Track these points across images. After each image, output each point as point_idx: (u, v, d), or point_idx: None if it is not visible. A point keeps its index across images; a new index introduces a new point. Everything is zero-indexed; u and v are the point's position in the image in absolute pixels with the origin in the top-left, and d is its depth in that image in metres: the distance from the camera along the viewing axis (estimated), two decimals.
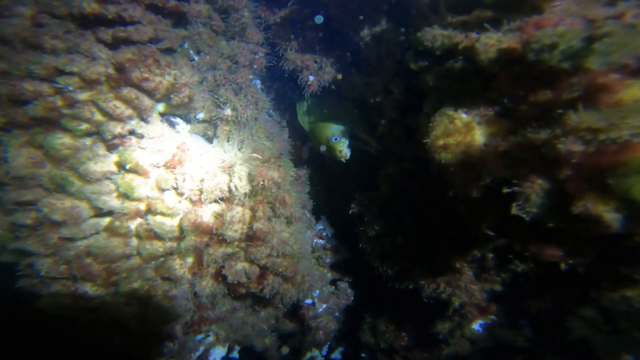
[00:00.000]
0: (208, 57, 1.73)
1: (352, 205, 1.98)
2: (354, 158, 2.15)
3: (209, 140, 1.77)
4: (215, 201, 1.52)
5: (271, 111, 2.38)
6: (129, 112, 1.23)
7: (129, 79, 1.20)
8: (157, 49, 1.37)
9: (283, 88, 2.48)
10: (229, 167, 1.53)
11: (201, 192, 1.45)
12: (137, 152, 1.28)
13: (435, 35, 1.15)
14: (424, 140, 1.23)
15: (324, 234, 2.44)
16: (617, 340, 1.13)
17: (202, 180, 1.45)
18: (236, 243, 1.60)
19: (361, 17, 1.71)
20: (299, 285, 1.79)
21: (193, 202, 1.49)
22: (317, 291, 2.34)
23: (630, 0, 0.76)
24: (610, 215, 0.67)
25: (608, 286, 0.96)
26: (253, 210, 1.57)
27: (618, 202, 0.65)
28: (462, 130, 1.17)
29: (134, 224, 1.37)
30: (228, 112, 1.81)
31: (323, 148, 2.16)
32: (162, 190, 1.39)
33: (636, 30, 0.68)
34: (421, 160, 1.62)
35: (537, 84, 0.91)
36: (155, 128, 1.35)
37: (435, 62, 1.27)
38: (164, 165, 1.39)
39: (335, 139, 2.08)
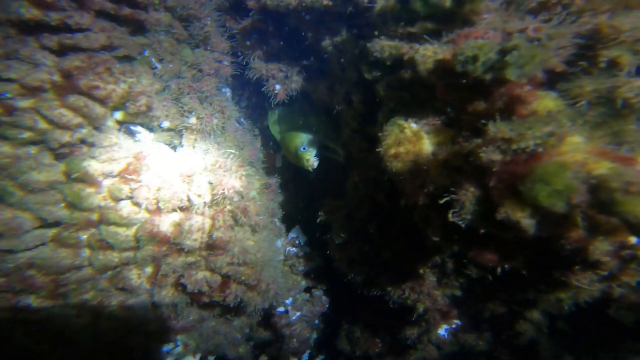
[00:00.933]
0: (171, 65, 1.72)
1: (319, 213, 1.99)
2: (325, 166, 2.16)
3: (175, 149, 1.76)
4: (174, 210, 1.51)
5: (242, 119, 2.37)
6: (78, 120, 1.21)
7: (77, 87, 1.18)
8: (111, 57, 1.35)
9: (255, 96, 2.48)
10: (188, 176, 1.52)
11: (158, 201, 1.43)
12: (87, 161, 1.25)
13: (383, 46, 1.17)
14: (377, 149, 1.25)
15: (297, 242, 2.44)
16: (558, 341, 1.16)
17: (158, 189, 1.43)
18: (197, 252, 1.58)
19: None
20: (264, 293, 1.77)
21: (150, 212, 1.47)
22: (290, 299, 2.33)
23: (537, 16, 0.80)
24: (526, 221, 0.69)
25: (544, 289, 0.99)
26: (213, 219, 1.55)
27: (531, 208, 0.67)
28: (412, 139, 1.19)
29: (85, 235, 1.34)
30: (193, 120, 1.80)
31: (292, 157, 2.17)
32: (116, 200, 1.37)
33: (541, 44, 0.72)
34: (383, 169, 1.64)
35: (472, 95, 0.94)
36: (109, 136, 1.33)
37: (387, 72, 1.29)
38: (117, 175, 1.36)
39: (304, 148, 2.09)
